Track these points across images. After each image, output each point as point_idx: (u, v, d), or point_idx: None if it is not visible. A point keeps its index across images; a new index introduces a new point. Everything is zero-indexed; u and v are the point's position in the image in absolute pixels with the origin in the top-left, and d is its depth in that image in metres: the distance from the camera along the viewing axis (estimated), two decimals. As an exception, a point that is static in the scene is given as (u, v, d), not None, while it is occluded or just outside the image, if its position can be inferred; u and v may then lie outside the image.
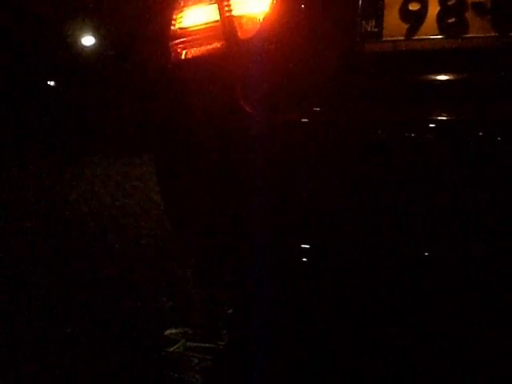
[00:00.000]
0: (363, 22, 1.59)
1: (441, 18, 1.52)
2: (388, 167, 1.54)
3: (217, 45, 1.81)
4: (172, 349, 2.37)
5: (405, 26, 1.55)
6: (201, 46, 1.88)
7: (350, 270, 1.64)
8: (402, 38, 1.56)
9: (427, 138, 1.51)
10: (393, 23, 1.56)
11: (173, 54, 1.96)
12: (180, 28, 1.95)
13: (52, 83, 9.40)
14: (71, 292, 3.02)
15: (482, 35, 1.49)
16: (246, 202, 1.74)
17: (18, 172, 7.02)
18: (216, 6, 1.80)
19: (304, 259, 1.70)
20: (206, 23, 1.86)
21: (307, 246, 1.68)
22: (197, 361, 2.26)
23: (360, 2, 1.60)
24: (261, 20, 1.73)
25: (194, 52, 1.90)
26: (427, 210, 1.51)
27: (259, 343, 2.22)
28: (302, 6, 1.70)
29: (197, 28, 1.89)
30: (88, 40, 9.43)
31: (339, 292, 1.70)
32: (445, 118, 1.50)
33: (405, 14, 1.55)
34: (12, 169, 7.15)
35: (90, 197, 6.15)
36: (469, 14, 1.49)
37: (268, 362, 2.16)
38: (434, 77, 1.56)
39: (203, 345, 2.40)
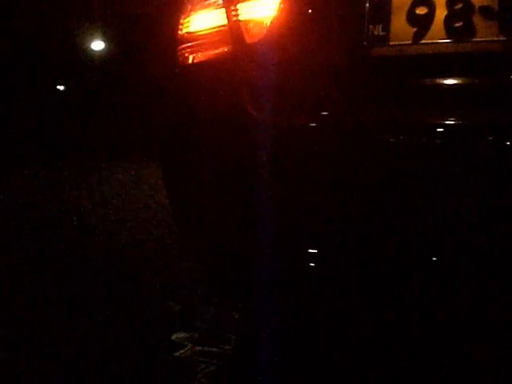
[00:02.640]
0: (370, 26, 1.58)
1: (448, 22, 1.51)
2: (396, 171, 1.53)
3: (224, 49, 1.81)
4: (179, 353, 2.37)
5: (412, 30, 1.54)
6: (208, 50, 1.88)
7: (359, 275, 1.64)
8: (409, 42, 1.55)
9: (434, 142, 1.50)
10: (400, 27, 1.56)
11: (180, 58, 1.97)
12: (187, 32, 1.95)
13: (61, 88, 9.44)
14: (78, 295, 3.03)
15: (490, 39, 1.48)
16: (253, 207, 1.74)
17: (25, 176, 7.04)
18: (223, 10, 1.81)
19: (311, 264, 1.70)
20: (214, 28, 1.86)
21: (315, 251, 1.68)
22: (204, 365, 2.26)
23: (367, 7, 1.59)
24: (268, 24, 1.72)
25: (201, 56, 1.91)
26: (437, 214, 1.50)
27: (266, 348, 2.21)
28: (309, 10, 1.70)
29: (204, 32, 1.90)
30: (97, 45, 9.47)
31: (347, 297, 1.69)
32: (452, 123, 1.49)
33: (412, 18, 1.54)
34: (20, 173, 7.17)
35: (99, 201, 6.16)
36: (476, 18, 1.48)
37: (275, 368, 2.15)
38: (441, 81, 1.55)
39: (210, 349, 2.40)
